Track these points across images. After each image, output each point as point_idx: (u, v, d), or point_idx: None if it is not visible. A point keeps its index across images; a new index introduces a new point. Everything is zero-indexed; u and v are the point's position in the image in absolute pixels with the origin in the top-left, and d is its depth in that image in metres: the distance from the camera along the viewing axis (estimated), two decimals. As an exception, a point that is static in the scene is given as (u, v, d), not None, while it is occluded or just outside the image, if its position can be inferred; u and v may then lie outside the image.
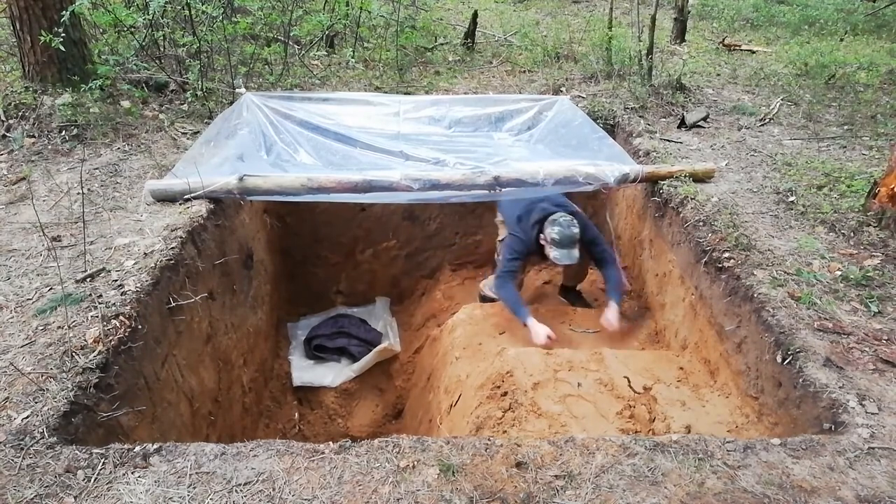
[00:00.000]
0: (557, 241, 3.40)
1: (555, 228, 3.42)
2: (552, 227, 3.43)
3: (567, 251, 3.42)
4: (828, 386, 2.16)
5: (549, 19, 8.26)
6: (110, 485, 1.70)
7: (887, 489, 1.77)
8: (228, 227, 3.39)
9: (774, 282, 2.70)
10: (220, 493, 1.69)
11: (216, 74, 5.03)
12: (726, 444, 1.92)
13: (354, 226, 4.81)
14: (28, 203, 3.11)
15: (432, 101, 4.59)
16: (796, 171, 3.86)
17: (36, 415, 1.89)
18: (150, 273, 2.52)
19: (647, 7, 6.61)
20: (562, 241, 3.40)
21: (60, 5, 3.87)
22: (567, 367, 2.93)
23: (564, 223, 3.42)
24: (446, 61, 6.24)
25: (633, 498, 1.72)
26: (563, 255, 3.42)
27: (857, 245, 3.05)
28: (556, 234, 3.40)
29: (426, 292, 5.04)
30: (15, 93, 4.01)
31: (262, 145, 3.88)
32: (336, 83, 5.38)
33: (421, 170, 3.55)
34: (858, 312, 2.55)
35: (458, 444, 1.89)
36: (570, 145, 4.11)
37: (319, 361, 4.46)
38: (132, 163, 3.69)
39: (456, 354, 3.43)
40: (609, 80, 5.59)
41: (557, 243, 3.41)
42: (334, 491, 1.70)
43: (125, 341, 2.21)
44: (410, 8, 6.98)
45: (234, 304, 3.44)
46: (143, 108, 4.36)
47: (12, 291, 2.47)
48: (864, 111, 5.13)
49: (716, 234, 3.10)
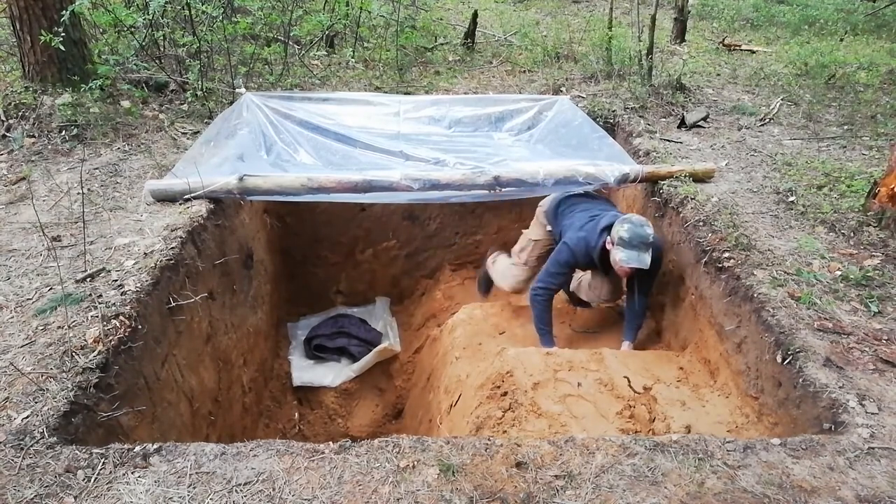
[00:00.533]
0: (626, 240, 3.01)
1: (625, 226, 3.04)
2: (622, 224, 3.05)
3: (637, 253, 3.00)
4: (828, 386, 2.16)
5: (549, 19, 8.26)
6: (110, 485, 1.70)
7: (887, 489, 1.77)
8: (228, 227, 3.39)
9: (774, 282, 2.70)
10: (220, 493, 1.69)
11: (216, 74, 5.03)
12: (726, 444, 1.92)
13: (354, 226, 4.81)
14: (28, 203, 3.11)
15: (432, 101, 4.59)
16: (796, 171, 3.86)
17: (36, 415, 1.89)
18: (150, 273, 2.52)
19: (647, 7, 6.61)
20: (631, 239, 3.00)
21: (60, 5, 3.87)
22: (567, 366, 2.93)
23: (637, 221, 3.06)
24: (446, 61, 6.24)
25: (633, 498, 1.72)
26: (630, 256, 3.00)
27: (857, 245, 3.05)
28: (625, 231, 3.02)
29: (426, 292, 5.04)
30: (15, 93, 4.01)
31: (262, 145, 3.88)
32: (336, 83, 5.38)
33: (421, 170, 3.55)
34: (858, 312, 2.55)
35: (458, 444, 1.89)
36: (570, 145, 4.11)
37: (319, 361, 4.46)
38: (132, 163, 3.69)
39: (456, 354, 3.43)
40: (609, 79, 5.59)
41: (626, 243, 3.01)
42: (334, 491, 1.70)
43: (125, 341, 2.21)
44: (410, 8, 6.98)
45: (234, 304, 3.44)
46: (143, 108, 4.36)
47: (12, 291, 2.47)
48: (864, 111, 5.13)
49: (716, 234, 3.10)
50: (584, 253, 3.26)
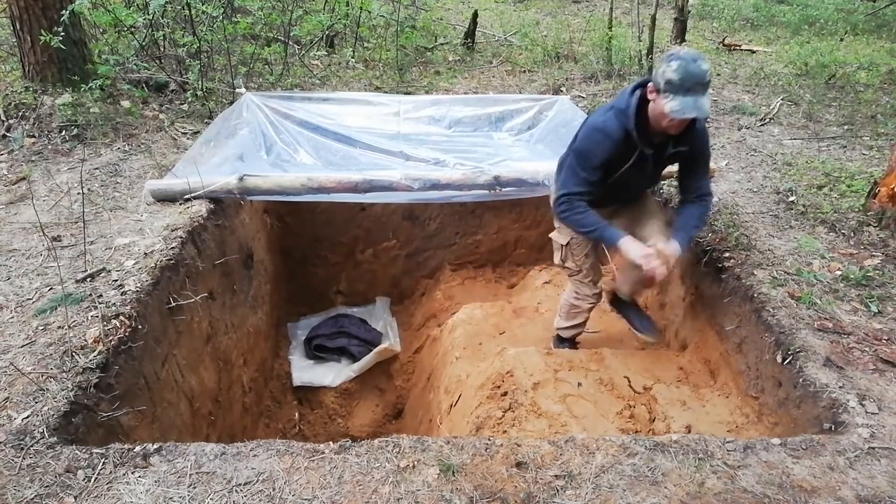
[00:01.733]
0: (676, 82, 2.19)
1: (672, 64, 2.22)
2: (668, 63, 2.24)
3: (692, 98, 2.19)
4: (828, 386, 2.16)
5: (549, 19, 8.26)
6: (110, 485, 1.70)
7: (887, 489, 1.77)
8: (228, 227, 3.39)
9: (774, 282, 2.70)
10: (221, 493, 1.69)
11: (216, 74, 5.03)
12: (726, 444, 1.92)
13: (354, 226, 4.80)
14: (28, 203, 3.11)
15: (432, 101, 4.59)
16: (796, 171, 3.86)
17: (36, 415, 1.89)
18: (151, 273, 2.52)
19: (647, 7, 6.61)
20: (683, 81, 2.18)
21: (60, 5, 3.87)
22: (567, 366, 2.93)
23: (688, 56, 2.23)
24: (446, 61, 6.24)
25: (633, 498, 1.72)
26: (685, 104, 2.20)
27: (857, 245, 3.05)
28: (673, 71, 2.20)
29: (426, 292, 5.04)
30: (15, 93, 4.01)
31: (262, 145, 3.88)
32: (336, 83, 5.38)
33: (421, 170, 3.55)
34: (858, 312, 2.55)
35: (458, 444, 1.89)
36: (570, 145, 4.11)
37: (319, 361, 4.46)
38: (132, 163, 3.69)
39: (456, 354, 3.43)
40: (609, 79, 5.59)
41: (676, 86, 2.20)
42: (334, 491, 1.70)
43: (125, 341, 2.21)
44: (410, 8, 6.99)
45: (234, 304, 3.44)
46: (143, 108, 4.36)
47: (12, 291, 2.47)
48: (864, 111, 5.13)
49: (716, 234, 3.10)
50: (615, 129, 2.42)
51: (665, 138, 2.46)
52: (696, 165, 2.60)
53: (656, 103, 2.31)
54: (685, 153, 2.52)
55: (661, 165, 2.64)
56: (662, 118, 2.31)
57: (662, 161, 2.59)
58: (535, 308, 3.86)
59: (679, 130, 2.38)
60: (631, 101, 2.41)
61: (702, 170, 2.63)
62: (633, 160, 2.50)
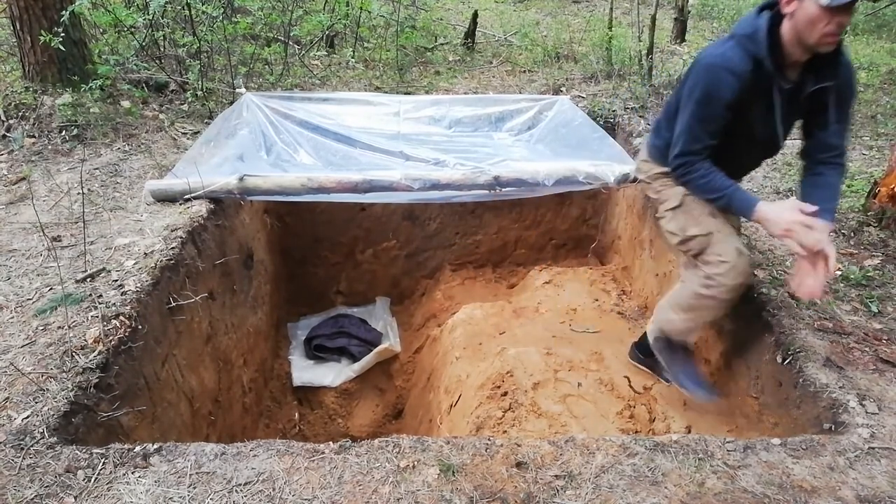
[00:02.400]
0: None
1: None
2: None
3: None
4: (828, 386, 2.16)
5: (549, 19, 8.26)
6: (110, 485, 1.70)
7: (887, 489, 1.77)
8: (228, 227, 3.39)
9: (774, 282, 2.70)
10: (221, 493, 1.69)
11: (216, 74, 5.03)
12: (726, 444, 1.92)
13: (354, 226, 4.80)
14: (28, 203, 3.11)
15: (432, 101, 4.59)
16: (796, 171, 3.85)
17: (36, 415, 1.89)
18: (151, 273, 2.52)
19: (648, 7, 6.61)
20: None
21: (60, 5, 3.87)
22: (567, 366, 2.93)
23: None
24: (446, 61, 6.24)
25: (633, 498, 1.72)
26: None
27: (857, 245, 3.05)
28: None
29: (426, 292, 5.04)
30: (15, 93, 4.01)
31: (262, 145, 3.88)
32: (336, 83, 5.38)
33: (421, 170, 3.55)
34: (858, 312, 2.56)
35: (458, 444, 1.89)
36: (570, 145, 4.11)
37: (319, 361, 4.46)
38: (132, 163, 3.69)
39: (456, 354, 3.43)
40: (609, 80, 5.59)
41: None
42: (334, 491, 1.70)
43: (125, 341, 2.21)
44: (410, 8, 6.98)
45: (234, 304, 3.44)
46: (144, 108, 4.36)
47: (12, 291, 2.47)
48: (864, 111, 5.12)
49: (716, 234, 3.09)
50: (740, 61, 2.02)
51: (803, 73, 2.07)
52: (840, 108, 2.12)
53: (803, 7, 1.90)
54: (830, 89, 2.06)
55: (796, 112, 2.18)
56: (813, 26, 1.89)
57: (800, 104, 2.13)
58: (535, 308, 3.86)
59: (836, 43, 1.95)
60: (759, 24, 2.00)
61: (846, 115, 2.17)
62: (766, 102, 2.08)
